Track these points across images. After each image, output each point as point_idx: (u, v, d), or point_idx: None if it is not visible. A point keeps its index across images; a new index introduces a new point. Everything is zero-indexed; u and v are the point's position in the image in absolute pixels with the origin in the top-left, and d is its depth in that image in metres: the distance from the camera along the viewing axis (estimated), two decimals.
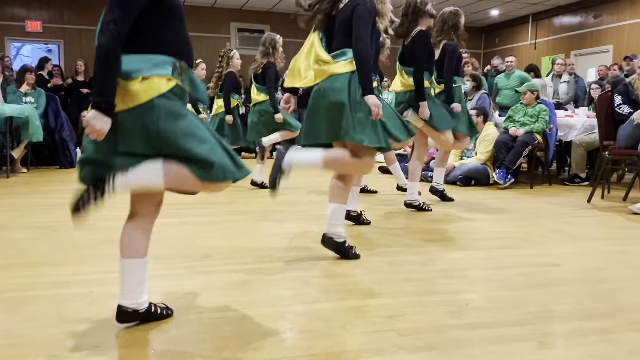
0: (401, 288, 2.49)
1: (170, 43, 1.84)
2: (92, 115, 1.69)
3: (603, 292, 2.50)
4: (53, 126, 7.22)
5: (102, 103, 1.70)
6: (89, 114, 1.70)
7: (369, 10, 2.76)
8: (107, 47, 1.69)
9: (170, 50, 1.83)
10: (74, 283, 2.50)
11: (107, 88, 1.71)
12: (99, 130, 1.70)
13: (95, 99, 1.70)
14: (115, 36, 1.70)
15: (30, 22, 11.54)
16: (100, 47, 1.69)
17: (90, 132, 1.71)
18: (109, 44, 1.69)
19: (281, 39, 5.62)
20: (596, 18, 11.01)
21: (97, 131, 1.70)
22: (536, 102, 6.12)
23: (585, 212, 4.61)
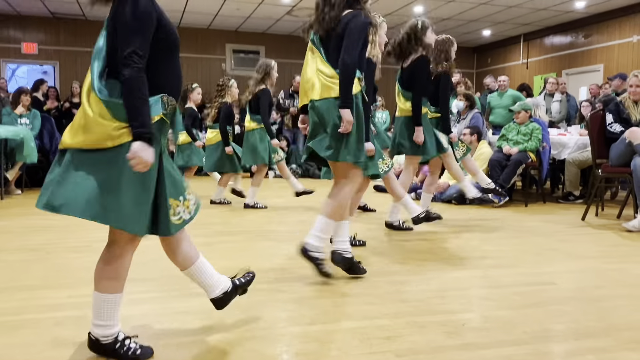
0: (398, 309, 2.48)
1: (165, 78, 1.84)
2: (139, 147, 1.67)
3: (599, 311, 2.50)
4: (48, 147, 7.21)
5: (146, 134, 1.69)
6: (136, 146, 1.67)
7: (361, 24, 2.76)
8: (135, 78, 1.69)
9: (161, 83, 1.82)
10: (68, 306, 2.48)
11: (146, 118, 1.71)
12: (147, 161, 1.69)
13: (138, 130, 1.68)
14: (140, 67, 1.70)
15: (26, 43, 11.60)
16: (129, 80, 1.69)
17: (139, 163, 1.68)
18: (136, 76, 1.70)
19: (276, 65, 5.68)
20: (586, 38, 11.16)
21: (145, 162, 1.69)
22: (529, 121, 6.17)
23: (580, 230, 4.62)
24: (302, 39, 3.02)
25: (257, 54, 12.85)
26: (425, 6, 10.25)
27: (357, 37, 2.75)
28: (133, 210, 1.76)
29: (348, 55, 2.72)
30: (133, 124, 1.69)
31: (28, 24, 11.60)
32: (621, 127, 4.80)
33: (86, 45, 11.92)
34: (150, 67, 1.77)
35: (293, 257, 3.45)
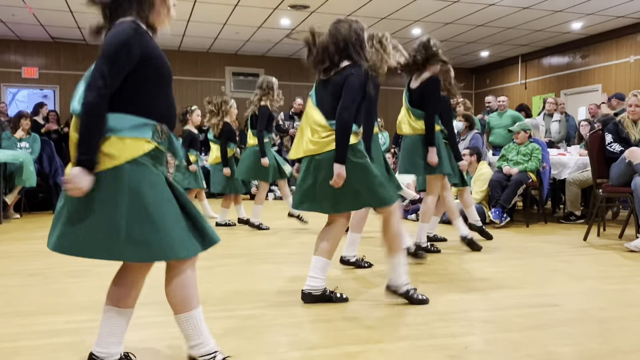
0: (399, 332, 2.45)
1: (153, 106, 1.81)
2: (76, 172, 1.66)
3: (604, 333, 2.47)
4: (47, 171, 7.21)
5: (86, 161, 1.67)
6: (73, 171, 1.67)
7: (360, 81, 2.74)
8: (94, 103, 1.67)
9: (152, 113, 1.79)
10: (66, 332, 2.45)
11: (92, 145, 1.68)
12: (82, 187, 1.67)
13: (80, 157, 1.67)
14: (102, 93, 1.68)
15: (27, 68, 11.69)
16: (87, 104, 1.67)
17: (72, 189, 1.67)
18: (95, 101, 1.67)
19: (277, 82, 5.70)
20: (584, 58, 11.26)
21: (80, 189, 1.67)
22: (529, 141, 6.18)
23: (582, 251, 4.60)
24: (301, 61, 3.02)
25: (257, 76, 12.94)
26: (424, 28, 10.35)
27: (357, 94, 2.74)
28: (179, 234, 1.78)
29: (346, 112, 2.71)
30: (80, 149, 1.67)
31: (29, 49, 11.71)
32: (621, 147, 4.80)
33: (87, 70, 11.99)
34: (143, 99, 1.77)
35: (294, 280, 3.43)
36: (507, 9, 9.05)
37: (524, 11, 9.19)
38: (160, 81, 1.82)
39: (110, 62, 1.70)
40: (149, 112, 1.79)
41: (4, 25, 10.35)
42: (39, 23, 10.18)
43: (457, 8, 9.06)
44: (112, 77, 1.69)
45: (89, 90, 1.68)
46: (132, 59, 1.73)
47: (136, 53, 1.73)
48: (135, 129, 1.75)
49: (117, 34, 1.72)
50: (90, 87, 1.68)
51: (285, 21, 9.95)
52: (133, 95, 1.76)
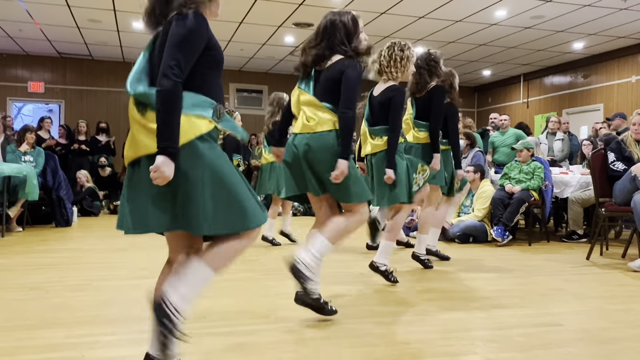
0: (401, 350, 2.43)
1: (211, 88, 1.88)
2: (162, 160, 1.67)
3: (607, 354, 2.45)
4: (50, 184, 7.24)
5: (170, 148, 1.69)
6: (160, 160, 1.67)
7: (358, 74, 2.76)
8: (171, 89, 1.71)
9: (212, 95, 1.87)
10: (65, 346, 2.44)
11: (173, 132, 1.70)
12: (168, 176, 1.69)
13: (163, 144, 1.68)
14: (178, 80, 1.72)
15: (33, 82, 11.79)
16: (165, 91, 1.70)
17: (159, 177, 1.68)
18: (173, 87, 1.71)
19: (287, 97, 5.75)
20: (585, 78, 11.31)
21: (166, 177, 1.69)
22: (531, 160, 6.19)
23: (585, 270, 4.57)
24: None
25: (260, 93, 13.04)
26: (427, 47, 10.41)
27: (357, 87, 2.75)
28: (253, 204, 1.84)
29: (350, 108, 2.72)
30: (162, 136, 1.69)
31: (35, 63, 11.82)
32: (624, 166, 4.80)
33: (92, 85, 12.12)
34: (203, 82, 1.85)
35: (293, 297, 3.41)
36: (509, 28, 9.13)
37: (526, 31, 9.26)
38: (217, 67, 1.91)
39: (184, 50, 1.76)
40: (207, 93, 1.86)
41: (12, 40, 10.46)
42: (45, 38, 10.29)
43: (460, 27, 9.14)
44: (186, 64, 1.77)
45: (166, 78, 1.71)
46: (201, 47, 1.81)
47: (203, 41, 1.82)
48: (199, 107, 1.81)
49: (188, 24, 1.79)
50: (166, 75, 1.72)
51: (290, 39, 10.04)
52: (195, 78, 1.83)
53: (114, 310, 3.03)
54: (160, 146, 1.68)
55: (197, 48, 1.80)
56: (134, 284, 3.76)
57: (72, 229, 7.18)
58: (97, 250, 5.26)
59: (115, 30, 9.68)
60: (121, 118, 12.20)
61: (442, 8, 8.15)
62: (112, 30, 9.63)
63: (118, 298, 3.30)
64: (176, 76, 1.71)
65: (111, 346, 2.45)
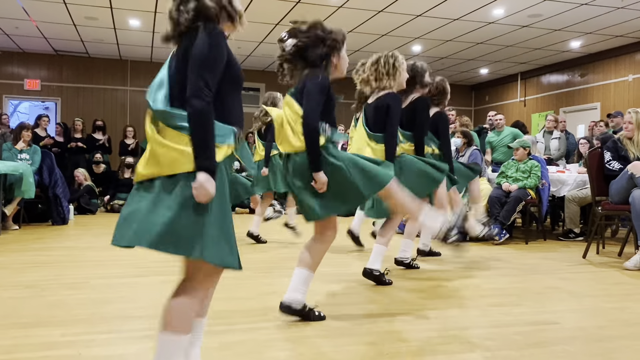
0: (398, 349, 2.43)
1: (232, 110, 1.85)
2: (206, 179, 1.66)
3: (604, 352, 2.45)
4: (47, 182, 7.21)
5: (212, 166, 1.69)
6: (202, 178, 1.66)
7: (319, 86, 2.72)
8: (205, 110, 1.69)
9: (232, 117, 1.84)
10: (62, 344, 2.43)
11: (212, 151, 1.70)
12: (210, 193, 1.68)
13: (204, 163, 1.67)
14: (209, 100, 1.71)
15: (29, 80, 11.76)
16: (198, 112, 1.69)
17: (203, 195, 1.67)
18: (205, 108, 1.70)
19: (282, 96, 5.77)
20: (582, 77, 11.33)
21: (210, 195, 1.68)
22: (528, 158, 6.20)
23: (582, 268, 4.58)
24: None
25: (257, 91, 13.02)
26: (424, 45, 10.44)
27: (316, 98, 2.71)
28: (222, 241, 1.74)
29: (309, 118, 2.70)
30: (201, 155, 1.68)
31: (31, 61, 11.78)
32: (620, 165, 4.81)
33: (88, 82, 12.09)
34: (224, 104, 1.81)
35: None
36: (506, 27, 9.14)
37: (523, 29, 9.27)
38: (236, 85, 1.88)
39: (211, 68, 1.74)
40: (229, 116, 1.82)
41: (8, 37, 10.42)
42: (42, 36, 10.26)
43: (457, 26, 9.14)
44: (214, 83, 1.74)
45: (197, 98, 1.69)
46: (224, 62, 1.78)
47: (225, 55, 1.79)
48: (219, 136, 1.77)
49: (212, 41, 1.75)
50: (197, 96, 1.70)
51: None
52: (218, 100, 1.79)
53: (111, 309, 3.02)
54: (201, 165, 1.68)
55: (221, 67, 1.78)
56: (131, 282, 3.76)
57: (68, 227, 7.16)
58: (94, 249, 5.25)
59: (112, 28, 9.65)
60: (117, 116, 12.18)
61: (439, 6, 8.15)
62: (109, 27, 9.61)
63: (114, 296, 3.30)
64: (206, 96, 1.71)
65: (107, 344, 2.44)
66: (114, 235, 1.73)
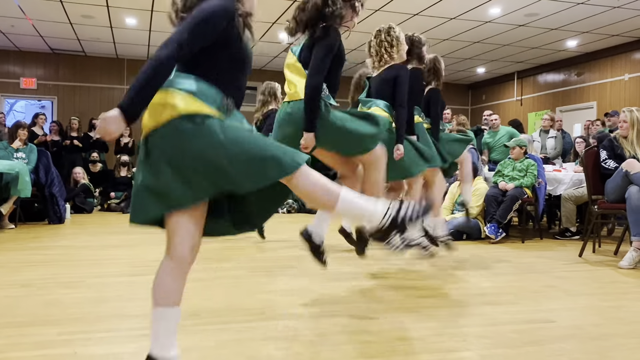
0: (394, 347, 2.43)
1: (228, 85, 1.83)
2: (114, 114, 1.56)
3: (599, 350, 2.46)
4: (43, 181, 7.19)
5: (131, 107, 1.58)
6: (112, 111, 1.57)
7: (328, 45, 2.73)
8: (162, 61, 1.63)
9: (225, 89, 1.81)
10: (58, 343, 2.43)
11: (140, 97, 1.61)
12: (111, 131, 1.57)
13: (125, 102, 1.58)
14: (174, 56, 1.64)
15: (25, 79, 11.72)
16: (156, 59, 1.63)
17: (102, 128, 1.57)
18: (165, 59, 1.63)
19: (280, 87, 5.77)
20: (579, 76, 11.35)
21: (108, 131, 1.57)
22: (524, 157, 6.21)
23: (578, 267, 4.60)
24: None
25: (255, 89, 12.99)
26: None
27: (324, 56, 2.72)
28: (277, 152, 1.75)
29: (313, 77, 2.71)
30: (127, 94, 1.59)
31: (27, 60, 11.74)
32: (615, 164, 4.82)
33: (85, 81, 12.05)
34: (215, 75, 1.80)
35: (289, 293, 3.42)
36: (503, 26, 9.15)
37: (520, 28, 9.28)
38: (239, 63, 1.89)
39: (191, 31, 1.69)
40: (221, 87, 1.81)
41: (4, 35, 10.38)
42: (38, 34, 10.23)
43: (454, 25, 9.15)
44: (189, 45, 1.69)
45: (162, 49, 1.64)
46: (214, 33, 1.75)
47: (219, 28, 1.76)
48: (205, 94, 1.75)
49: (209, 6, 1.74)
50: (165, 46, 1.65)
51: (284, 35, 10.03)
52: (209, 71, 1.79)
53: (107, 307, 3.02)
54: (121, 103, 1.58)
55: (207, 34, 1.73)
56: (127, 280, 3.75)
57: (64, 226, 7.15)
58: (90, 247, 5.24)
59: (109, 27, 9.63)
60: None
61: (436, 5, 8.16)
62: (105, 26, 9.58)
63: (111, 295, 3.29)
64: (173, 51, 1.65)
65: (104, 343, 2.44)
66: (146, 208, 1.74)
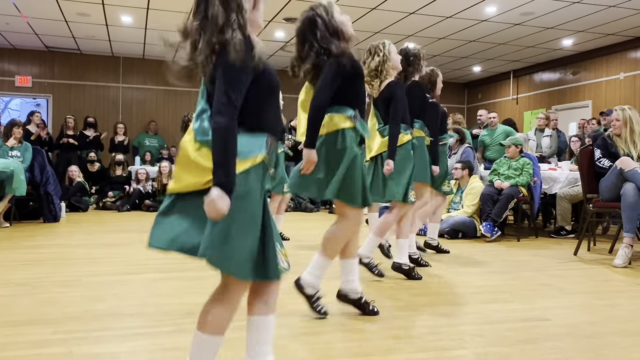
0: (390, 346, 2.44)
1: (268, 119, 1.84)
2: (218, 194, 1.62)
3: (593, 348, 2.47)
4: (38, 180, 7.17)
5: (228, 184, 1.65)
6: (214, 193, 1.63)
7: (334, 70, 2.74)
8: (228, 127, 1.67)
9: (267, 126, 1.82)
10: (53, 342, 2.42)
11: (232, 169, 1.67)
12: (222, 211, 1.64)
13: (220, 179, 1.64)
14: (233, 117, 1.68)
15: (20, 77, 11.66)
16: (222, 129, 1.66)
17: (213, 211, 1.64)
18: (229, 125, 1.67)
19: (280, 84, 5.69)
20: (574, 75, 11.38)
21: (221, 212, 1.64)
22: (520, 156, 6.23)
23: (573, 265, 4.61)
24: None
25: None
26: (417, 43, 10.38)
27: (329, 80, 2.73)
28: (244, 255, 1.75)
29: (315, 99, 2.72)
30: (217, 171, 1.66)
31: (23, 57, 11.68)
32: (609, 162, 4.84)
33: (80, 79, 12.01)
34: (254, 109, 1.79)
35: (283, 292, 3.41)
36: (499, 25, 9.15)
37: (516, 27, 9.29)
38: (272, 90, 1.87)
39: (235, 84, 1.71)
40: (264, 125, 1.82)
41: None
42: (33, 32, 10.18)
43: (450, 23, 9.15)
44: (238, 99, 1.71)
45: (220, 115, 1.67)
46: (250, 77, 1.76)
47: (251, 70, 1.76)
48: (251, 149, 1.76)
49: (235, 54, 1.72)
50: (221, 112, 1.68)
51: (280, 34, 10.01)
52: (253, 111, 1.79)
53: (103, 306, 3.01)
54: (219, 181, 1.65)
55: (246, 81, 1.75)
56: (123, 279, 3.75)
57: (60, 224, 7.13)
58: (86, 246, 5.23)
59: (104, 24, 9.59)
60: (110, 113, 12.11)
61: (432, 4, 8.15)
62: (101, 24, 9.54)
63: (106, 294, 3.28)
64: (231, 114, 1.68)
65: (99, 342, 2.44)
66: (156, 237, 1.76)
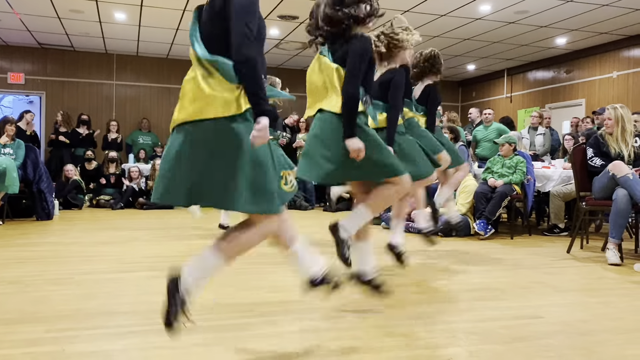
0: (383, 343, 2.44)
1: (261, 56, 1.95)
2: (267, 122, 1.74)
3: (587, 345, 2.48)
4: (31, 177, 7.13)
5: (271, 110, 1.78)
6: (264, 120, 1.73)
7: (363, 47, 2.65)
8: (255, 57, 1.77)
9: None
10: (46, 341, 2.41)
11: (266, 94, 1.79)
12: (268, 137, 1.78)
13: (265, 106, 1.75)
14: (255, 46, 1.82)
15: (12, 74, 11.59)
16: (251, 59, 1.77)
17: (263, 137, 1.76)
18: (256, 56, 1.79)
19: (280, 82, 5.77)
20: (568, 73, 11.42)
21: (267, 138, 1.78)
22: (513, 154, 6.24)
23: (566, 263, 4.63)
24: (291, 70, 3.02)
25: None
26: None
27: (360, 60, 2.64)
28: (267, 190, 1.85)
29: (350, 84, 2.63)
30: (259, 101, 1.74)
31: (15, 54, 11.61)
32: (602, 161, 4.85)
33: (73, 76, 11.95)
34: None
35: (278, 289, 3.42)
36: (493, 23, 9.17)
37: (510, 26, 9.31)
38: (262, 38, 1.95)
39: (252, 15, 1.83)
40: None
41: None
42: (26, 29, 10.12)
43: (444, 22, 9.16)
44: (255, 28, 1.82)
45: (246, 47, 1.76)
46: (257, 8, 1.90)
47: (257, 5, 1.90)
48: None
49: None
50: (245, 44, 1.76)
51: (275, 31, 9.99)
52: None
53: (95, 304, 3.00)
54: (263, 109, 1.74)
55: (258, 12, 1.87)
56: (116, 277, 3.73)
57: (53, 222, 7.09)
58: (79, 244, 5.20)
59: (97, 21, 9.55)
60: (103, 110, 12.06)
61: (426, 2, 8.16)
62: (94, 21, 9.50)
63: (99, 292, 3.27)
64: (254, 44, 1.78)
65: (92, 340, 2.43)
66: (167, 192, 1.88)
